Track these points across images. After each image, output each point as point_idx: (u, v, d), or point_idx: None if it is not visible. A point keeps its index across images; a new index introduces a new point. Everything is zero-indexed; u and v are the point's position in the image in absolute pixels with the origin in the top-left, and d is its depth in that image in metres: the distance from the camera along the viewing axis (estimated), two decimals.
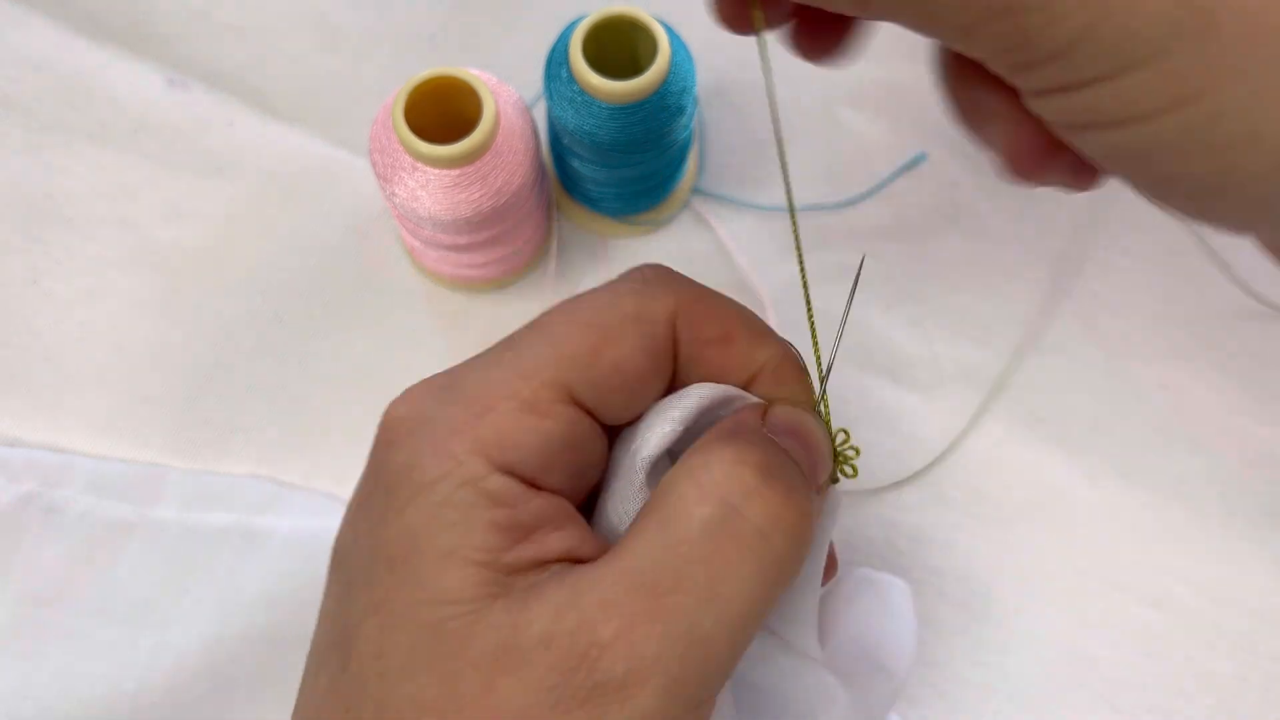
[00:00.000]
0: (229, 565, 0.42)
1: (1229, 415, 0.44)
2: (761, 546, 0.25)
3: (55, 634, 0.41)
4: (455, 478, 0.26)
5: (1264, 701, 0.41)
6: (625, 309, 0.28)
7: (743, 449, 0.26)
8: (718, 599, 0.24)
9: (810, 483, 0.27)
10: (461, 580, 0.25)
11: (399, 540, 0.26)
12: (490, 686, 0.24)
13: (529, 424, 0.26)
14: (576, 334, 0.27)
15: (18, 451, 0.43)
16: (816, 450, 0.28)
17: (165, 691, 0.40)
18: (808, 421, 0.28)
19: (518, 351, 0.28)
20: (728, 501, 0.25)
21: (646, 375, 0.28)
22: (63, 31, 0.48)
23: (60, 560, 0.42)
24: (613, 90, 0.38)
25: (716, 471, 0.25)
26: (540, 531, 0.26)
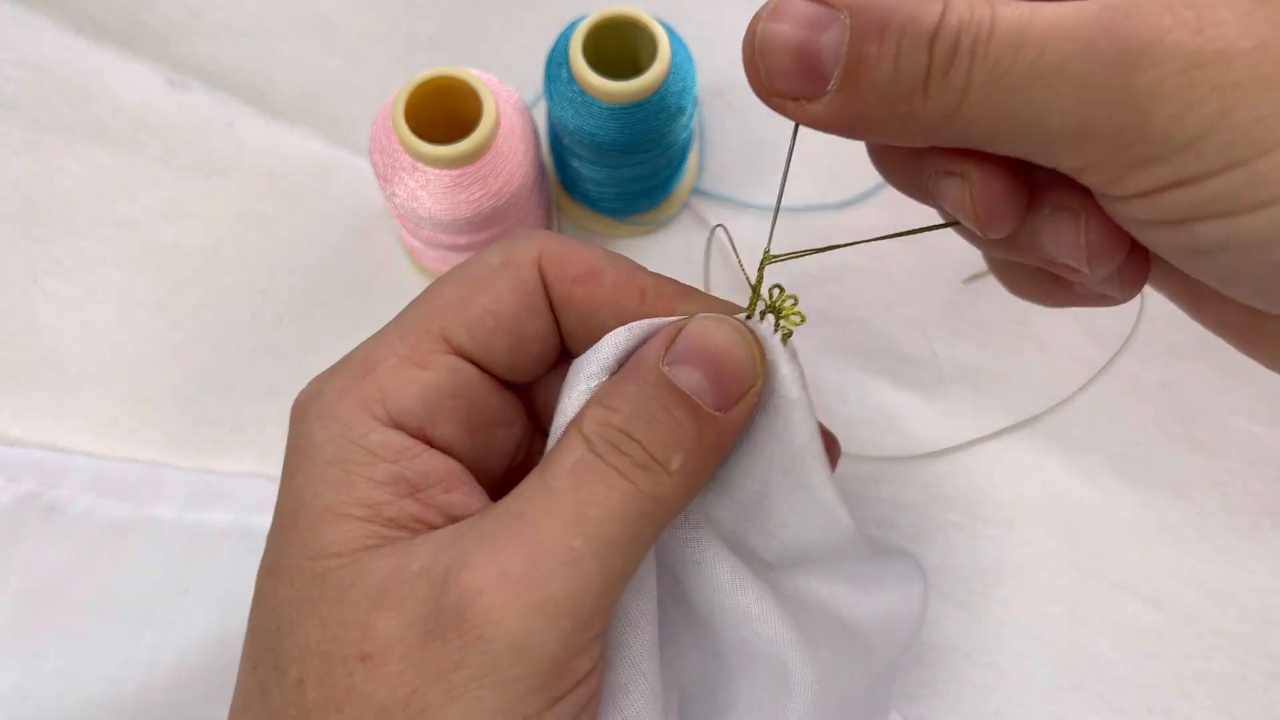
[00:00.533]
0: (229, 564, 0.42)
1: (1229, 415, 0.44)
2: (624, 484, 0.26)
3: (55, 633, 0.41)
4: (340, 438, 0.27)
5: (1264, 701, 0.41)
6: (491, 260, 0.29)
7: (614, 403, 0.27)
8: (586, 522, 0.25)
9: (716, 404, 0.27)
10: (342, 535, 0.26)
11: (288, 504, 0.27)
12: (368, 623, 0.25)
13: (409, 375, 0.28)
14: (448, 290, 0.29)
15: (18, 451, 0.43)
16: (726, 366, 0.28)
17: (166, 690, 0.40)
18: (715, 338, 0.28)
19: (399, 318, 0.29)
20: (595, 451, 0.26)
21: (520, 315, 0.29)
22: (63, 32, 0.48)
23: (60, 559, 0.42)
24: (613, 90, 0.38)
25: (586, 426, 0.27)
26: (429, 491, 0.27)
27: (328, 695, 0.25)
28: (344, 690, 0.25)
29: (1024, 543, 0.43)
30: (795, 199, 0.47)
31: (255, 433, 0.44)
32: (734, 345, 0.28)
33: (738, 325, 0.28)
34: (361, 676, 0.25)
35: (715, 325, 0.28)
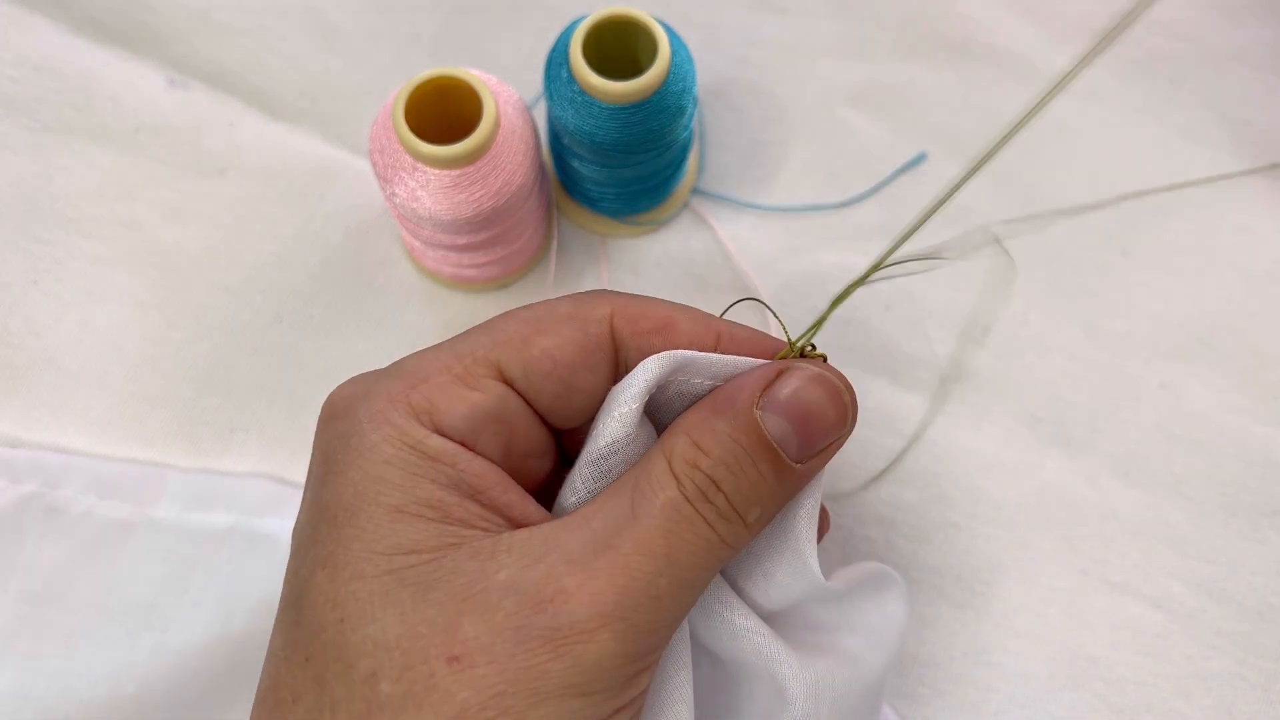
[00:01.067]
0: (230, 566, 0.42)
1: (1229, 415, 0.44)
2: (710, 534, 0.28)
3: (56, 634, 0.41)
4: (396, 440, 0.27)
5: (1263, 701, 0.41)
6: (560, 309, 0.30)
7: (706, 444, 0.28)
8: (674, 565, 0.27)
9: (798, 455, 0.29)
10: (418, 533, 0.26)
11: (341, 498, 0.27)
12: (454, 625, 0.25)
13: (458, 393, 0.28)
14: (512, 325, 0.30)
15: (19, 452, 0.43)
16: (818, 424, 0.29)
17: (166, 692, 0.40)
18: (815, 395, 0.29)
19: (457, 338, 0.30)
20: (684, 494, 0.28)
21: (577, 365, 0.29)
22: (64, 32, 0.48)
23: (61, 560, 0.42)
24: (613, 90, 0.38)
25: (677, 463, 0.28)
26: (488, 493, 0.28)
27: (406, 691, 0.25)
28: (425, 688, 0.25)
29: (1024, 543, 0.43)
30: (795, 199, 0.47)
31: (255, 433, 0.44)
32: (832, 404, 0.29)
33: (837, 380, 0.29)
34: (446, 676, 0.25)
35: (818, 381, 0.29)
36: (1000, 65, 0.48)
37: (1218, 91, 0.48)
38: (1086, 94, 0.48)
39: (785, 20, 0.49)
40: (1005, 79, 0.48)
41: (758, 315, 0.46)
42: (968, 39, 0.49)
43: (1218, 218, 0.47)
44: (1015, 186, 0.47)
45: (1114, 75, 0.48)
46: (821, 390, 0.29)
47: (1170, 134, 0.48)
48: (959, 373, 0.45)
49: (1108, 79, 0.48)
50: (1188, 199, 0.47)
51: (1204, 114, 0.48)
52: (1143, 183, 0.47)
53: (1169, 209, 0.47)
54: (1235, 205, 0.47)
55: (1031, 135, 0.47)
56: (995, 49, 0.49)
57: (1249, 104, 0.48)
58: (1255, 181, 0.47)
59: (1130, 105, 0.48)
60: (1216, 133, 0.48)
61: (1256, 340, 0.45)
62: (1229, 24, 0.49)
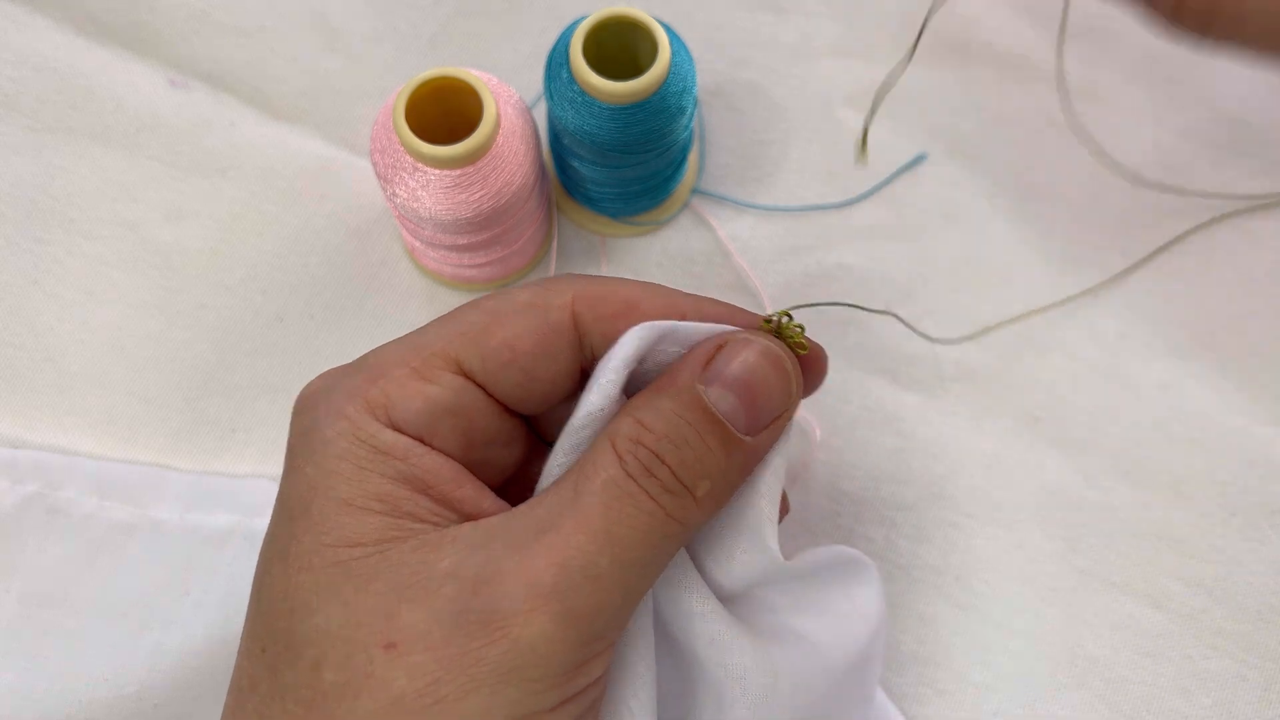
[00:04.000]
0: (231, 567, 0.42)
1: (1229, 415, 0.44)
2: (653, 507, 0.27)
3: (57, 634, 0.41)
4: (349, 435, 0.28)
5: (1263, 701, 0.41)
6: (520, 297, 0.30)
7: (649, 420, 0.28)
8: (614, 542, 0.27)
9: (747, 428, 0.29)
10: (364, 526, 0.27)
11: (298, 493, 0.28)
12: (393, 613, 0.26)
13: (414, 387, 0.28)
14: (472, 316, 0.30)
15: (21, 453, 0.43)
16: (762, 393, 0.29)
17: (167, 692, 0.40)
18: (755, 362, 0.29)
19: (418, 332, 0.30)
20: (625, 470, 0.27)
21: (536, 355, 0.29)
22: (64, 32, 0.48)
23: (63, 561, 0.42)
24: (613, 91, 0.39)
25: (620, 442, 0.28)
26: (440, 487, 0.28)
27: (346, 680, 0.26)
28: (364, 675, 0.25)
29: (1024, 543, 0.43)
30: (795, 199, 0.47)
31: (255, 433, 0.44)
32: (774, 370, 0.29)
33: (778, 350, 0.29)
34: (383, 663, 0.25)
35: (755, 348, 0.29)
36: (1000, 65, 0.48)
37: (1218, 91, 0.48)
38: (1086, 94, 0.48)
39: (785, 20, 0.49)
40: (1005, 79, 0.48)
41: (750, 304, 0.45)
42: (968, 39, 0.49)
43: (1218, 218, 0.47)
44: (1015, 186, 0.47)
45: (1114, 75, 0.48)
46: (764, 361, 0.29)
47: (1170, 134, 0.48)
48: (960, 373, 0.45)
49: (1108, 79, 0.48)
50: (1188, 199, 0.47)
51: (1204, 114, 0.48)
52: (1143, 183, 0.47)
53: (1169, 209, 0.47)
54: (1236, 205, 0.47)
55: (1031, 135, 0.48)
56: (995, 49, 0.49)
57: (1249, 104, 0.48)
58: (1255, 181, 0.47)
59: (1130, 105, 0.48)
60: (1216, 133, 0.48)
61: (1257, 340, 0.45)
62: None
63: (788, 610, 0.33)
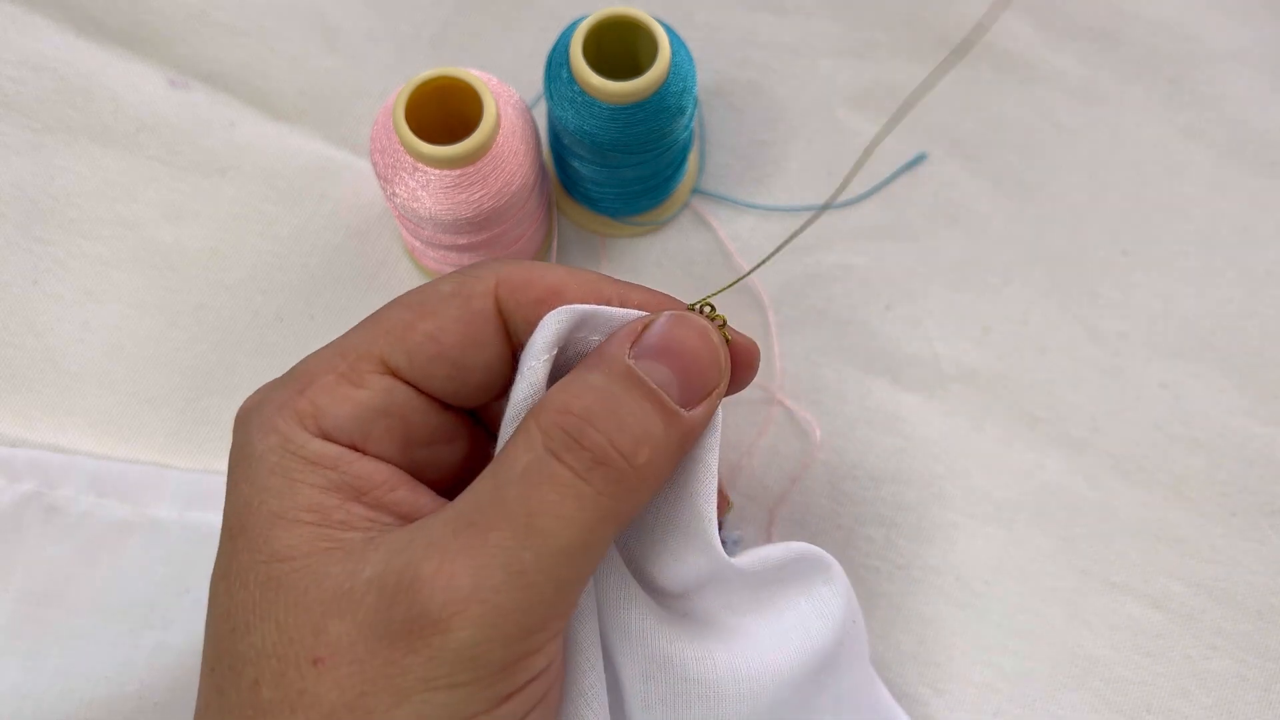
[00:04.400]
0: None
1: (1229, 415, 0.44)
2: (580, 487, 0.26)
3: (57, 633, 0.41)
4: (279, 449, 0.27)
5: (1263, 701, 0.41)
6: (442, 288, 0.29)
7: (576, 391, 0.27)
8: (536, 533, 0.25)
9: (682, 401, 0.27)
10: (293, 538, 0.26)
11: (235, 511, 0.28)
12: (321, 627, 0.25)
13: (343, 394, 0.28)
14: (394, 312, 0.29)
15: (19, 452, 0.43)
16: (693, 364, 0.28)
17: (167, 691, 0.40)
18: (682, 334, 0.28)
19: (345, 335, 0.29)
20: (548, 448, 0.26)
21: (463, 345, 0.29)
22: (64, 33, 0.48)
23: (61, 560, 0.42)
24: (613, 90, 0.38)
25: (543, 418, 0.26)
26: (374, 493, 0.27)
27: (281, 697, 0.25)
28: (296, 692, 0.25)
29: (1024, 543, 0.43)
30: (795, 199, 0.47)
31: None
32: (702, 342, 0.28)
33: (705, 323, 0.28)
34: (313, 679, 0.25)
35: (683, 321, 0.28)
36: (1000, 65, 0.48)
37: (1218, 91, 0.48)
38: (1087, 94, 0.48)
39: (785, 20, 0.49)
40: (1005, 79, 0.48)
41: (750, 304, 0.46)
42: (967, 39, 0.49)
43: (1218, 217, 0.47)
44: (1016, 186, 0.47)
45: (1114, 75, 0.48)
46: (692, 333, 0.28)
47: (1170, 134, 0.48)
48: (960, 373, 0.45)
49: (1108, 79, 0.48)
50: (1189, 199, 0.47)
51: (1204, 114, 0.48)
52: (1143, 182, 0.47)
53: (1170, 208, 0.47)
54: (1237, 205, 0.47)
55: (1031, 135, 0.48)
56: (995, 49, 0.49)
57: (1249, 104, 0.48)
58: (1256, 181, 0.47)
59: (1130, 105, 0.48)
60: (1216, 133, 0.48)
61: (1257, 340, 0.45)
62: (1229, 24, 0.49)
63: (737, 610, 0.32)
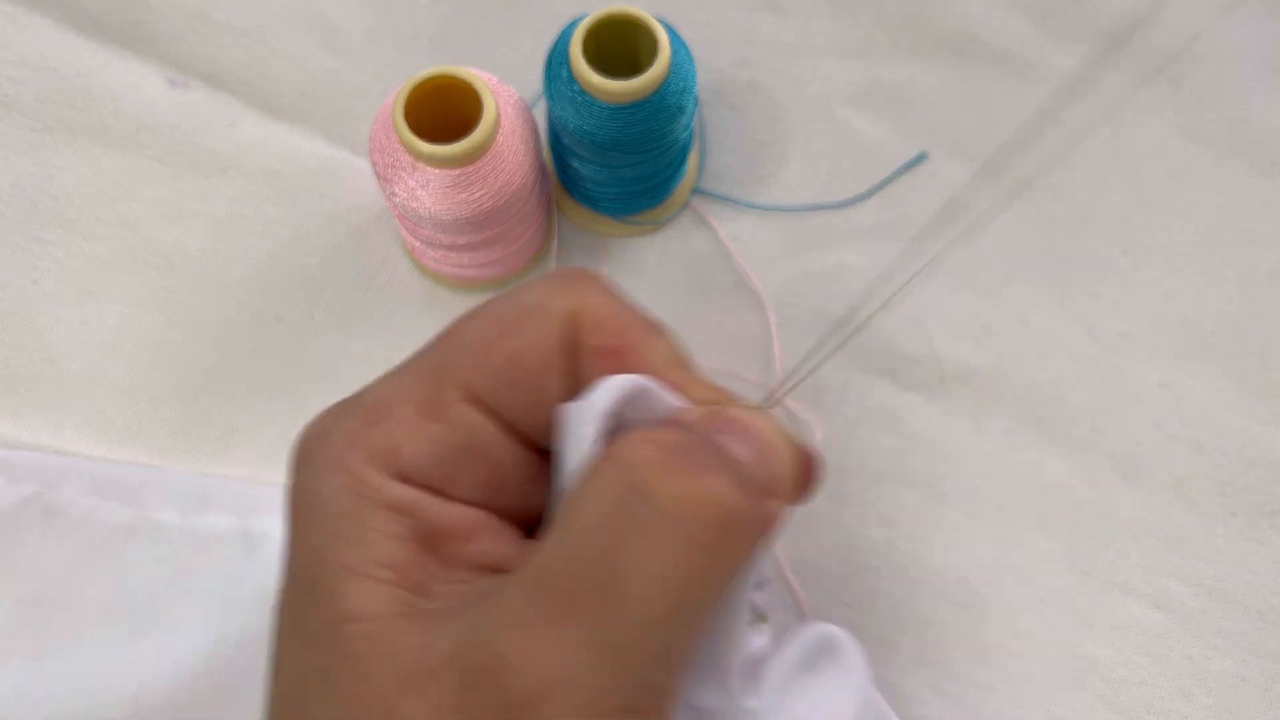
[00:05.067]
0: (230, 568, 0.42)
1: (1229, 415, 0.44)
2: (674, 531, 0.22)
3: (57, 636, 0.41)
4: (350, 491, 0.24)
5: (1264, 702, 0.41)
6: (524, 301, 0.26)
7: (658, 430, 0.23)
8: (627, 598, 0.22)
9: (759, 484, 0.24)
10: (366, 597, 0.24)
11: (304, 562, 0.25)
12: (393, 709, 0.23)
13: (424, 429, 0.25)
14: (476, 328, 0.26)
15: (18, 453, 0.43)
16: (770, 452, 0.25)
17: (167, 694, 0.40)
18: (758, 421, 0.25)
19: (421, 355, 0.27)
20: (629, 483, 0.22)
21: (542, 369, 0.26)
22: (64, 32, 0.48)
23: (61, 562, 0.42)
24: (613, 90, 0.38)
25: (621, 455, 0.23)
26: (454, 543, 0.25)
27: None
28: None
29: (1023, 542, 0.43)
30: (795, 199, 0.47)
31: (255, 433, 0.44)
32: (780, 440, 0.25)
33: (782, 425, 0.26)
34: None
35: (759, 415, 0.25)
36: (1001, 65, 0.48)
37: (1218, 91, 0.48)
38: (1087, 94, 0.48)
39: (785, 20, 0.49)
40: (1006, 79, 0.48)
41: (750, 304, 0.46)
42: (968, 38, 0.49)
43: (1219, 217, 0.47)
44: (1015, 186, 0.47)
45: (1114, 75, 0.48)
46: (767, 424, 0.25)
47: (1170, 134, 0.48)
48: (960, 373, 0.45)
49: (1108, 79, 0.48)
50: (1189, 199, 0.47)
51: (1204, 114, 0.48)
52: (1143, 182, 0.47)
53: (1170, 208, 0.47)
54: (1236, 205, 0.47)
55: (1032, 135, 0.48)
56: (996, 49, 0.49)
57: (1249, 104, 0.48)
58: (1256, 181, 0.47)
59: (1130, 105, 0.48)
60: (1216, 133, 0.48)
61: (1258, 340, 0.45)
62: (1229, 24, 0.49)
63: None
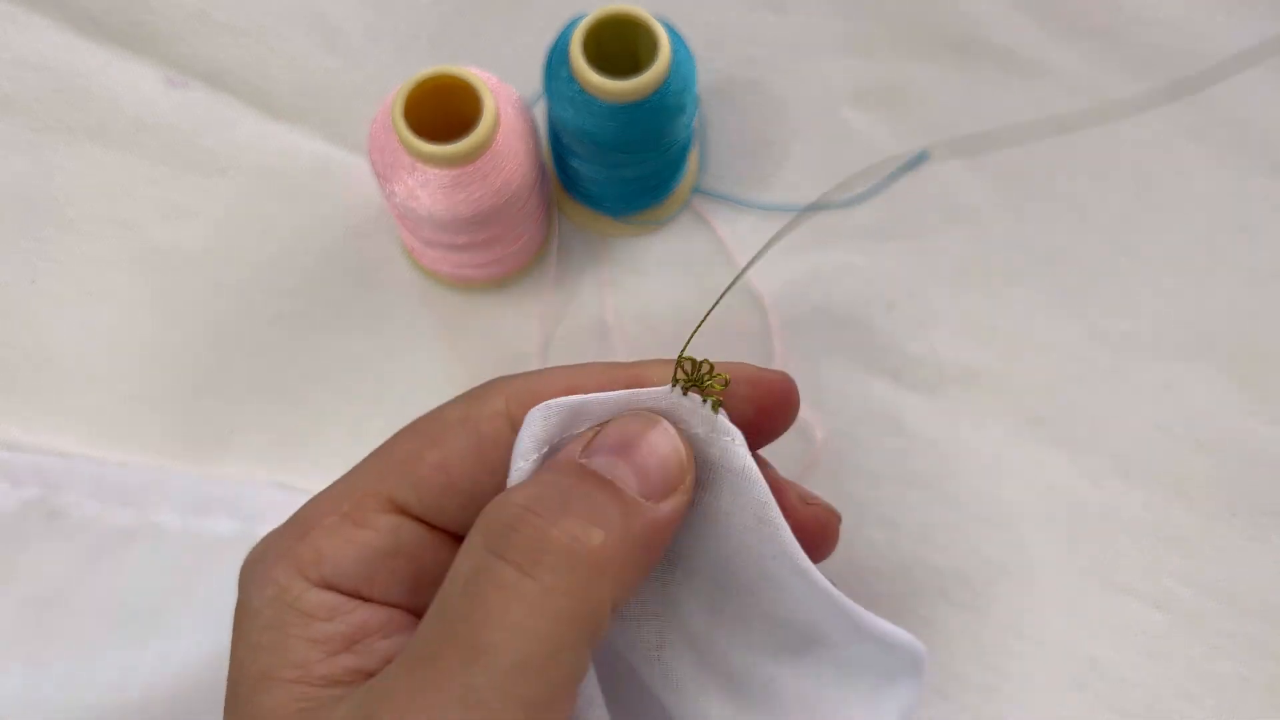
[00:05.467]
0: (232, 573, 0.41)
1: (1230, 415, 0.44)
2: (526, 584, 0.23)
3: (59, 640, 0.41)
4: (275, 601, 0.26)
5: (1266, 702, 0.41)
6: (449, 415, 0.28)
7: (519, 488, 0.25)
8: (485, 652, 0.22)
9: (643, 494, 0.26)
10: (274, 700, 0.25)
11: (232, 672, 0.26)
12: None
13: (346, 536, 0.26)
14: (403, 443, 0.28)
15: (21, 456, 0.43)
16: (650, 457, 0.26)
17: (169, 699, 0.40)
18: (638, 429, 0.26)
19: (350, 472, 0.28)
20: (488, 547, 0.24)
21: (475, 473, 0.27)
22: (63, 32, 0.48)
23: (64, 565, 0.42)
24: (613, 89, 0.38)
25: (484, 517, 0.24)
26: (366, 641, 0.26)
27: None
28: None
29: (1024, 543, 0.43)
30: (796, 199, 0.47)
31: (253, 433, 0.44)
32: (659, 436, 0.26)
33: (658, 419, 0.27)
34: None
35: (639, 417, 0.27)
36: (1002, 64, 0.48)
37: (1218, 91, 0.48)
38: (1087, 94, 0.48)
39: (786, 19, 0.49)
40: (1007, 78, 0.48)
41: (750, 304, 0.45)
42: (969, 38, 0.49)
43: (1220, 217, 0.46)
44: (1016, 186, 0.47)
45: (1114, 75, 0.48)
46: (645, 424, 0.26)
47: (1170, 134, 0.47)
48: (960, 373, 0.45)
49: (1108, 79, 0.48)
50: (1190, 199, 0.47)
51: (1204, 114, 0.48)
52: (1144, 182, 0.47)
53: (1170, 208, 0.47)
54: (1237, 205, 0.47)
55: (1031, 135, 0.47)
56: (996, 48, 0.48)
57: (1249, 104, 0.48)
58: (1257, 181, 0.47)
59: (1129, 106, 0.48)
60: (1217, 133, 0.47)
61: (1259, 340, 0.45)
62: (1229, 24, 0.49)
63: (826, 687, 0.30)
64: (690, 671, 0.29)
